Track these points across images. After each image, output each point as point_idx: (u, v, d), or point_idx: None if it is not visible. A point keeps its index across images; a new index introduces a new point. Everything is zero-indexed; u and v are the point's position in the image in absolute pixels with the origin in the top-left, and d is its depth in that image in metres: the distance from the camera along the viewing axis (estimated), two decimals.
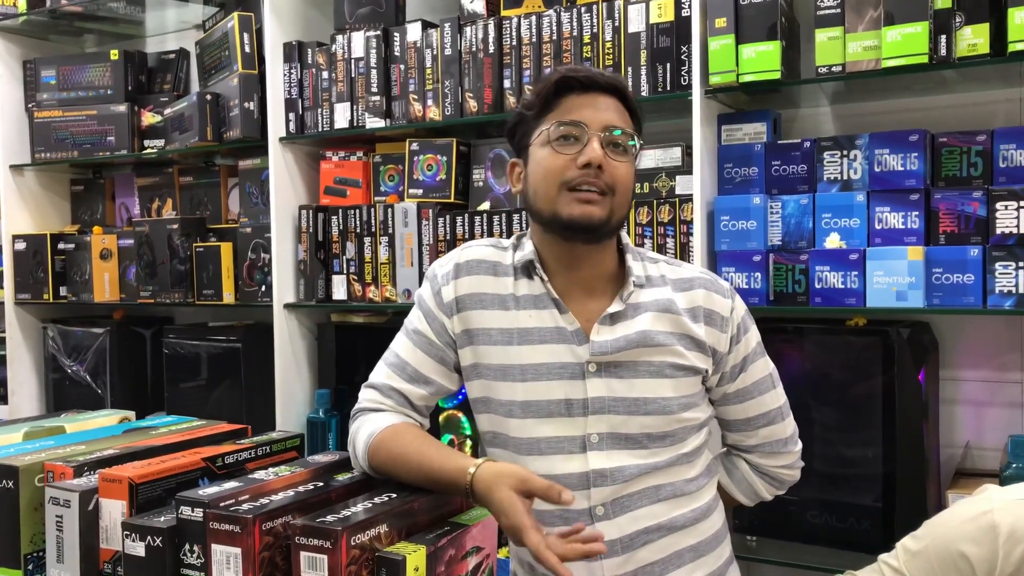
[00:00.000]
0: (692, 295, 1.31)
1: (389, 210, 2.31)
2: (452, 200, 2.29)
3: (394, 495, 1.09)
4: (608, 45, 2.02)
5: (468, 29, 2.19)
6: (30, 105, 2.96)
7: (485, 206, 2.26)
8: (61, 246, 2.88)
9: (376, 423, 1.26)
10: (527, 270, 1.32)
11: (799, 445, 1.45)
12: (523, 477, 1.09)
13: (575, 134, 1.24)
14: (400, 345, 1.36)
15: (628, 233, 1.98)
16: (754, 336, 1.37)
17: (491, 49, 2.16)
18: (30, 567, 1.13)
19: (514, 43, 2.13)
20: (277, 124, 2.44)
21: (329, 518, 0.97)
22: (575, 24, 2.05)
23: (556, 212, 1.24)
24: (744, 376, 1.35)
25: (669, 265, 1.35)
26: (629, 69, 2.00)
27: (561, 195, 1.24)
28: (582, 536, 1.08)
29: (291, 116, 2.44)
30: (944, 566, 1.16)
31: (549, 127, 1.26)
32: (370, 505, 1.04)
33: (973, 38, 1.68)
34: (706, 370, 1.31)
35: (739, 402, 1.37)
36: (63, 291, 2.89)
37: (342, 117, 2.37)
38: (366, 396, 1.35)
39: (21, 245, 2.93)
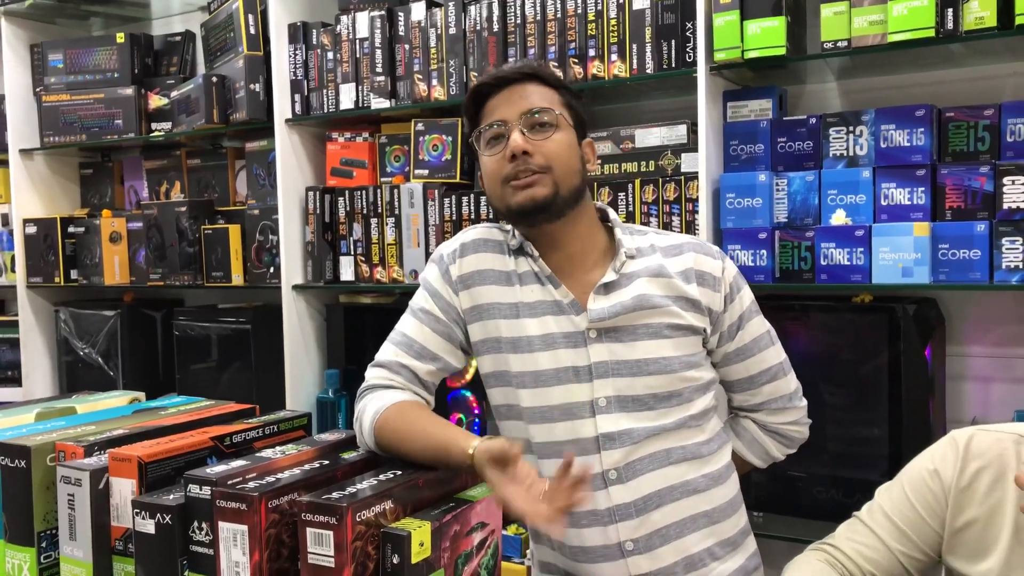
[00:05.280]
0: (682, 259, 1.36)
1: (395, 191, 2.31)
2: (458, 180, 2.29)
3: (399, 472, 1.10)
4: (612, 22, 2.01)
5: (472, 8, 2.19)
6: (38, 89, 2.97)
7: None
8: (71, 229, 2.90)
9: (382, 400, 1.29)
10: (522, 250, 1.37)
11: (804, 401, 1.48)
12: (496, 451, 1.09)
13: (500, 133, 1.32)
14: (406, 325, 1.40)
15: (633, 212, 1.99)
16: (747, 295, 1.41)
17: (495, 28, 2.15)
18: (44, 544, 1.15)
19: (518, 21, 2.12)
20: (283, 105, 2.44)
21: (335, 494, 0.99)
22: (579, 1, 2.04)
23: (507, 205, 1.33)
24: (742, 334, 1.39)
25: (658, 234, 1.41)
26: (634, 46, 1.99)
27: (504, 190, 1.32)
28: (573, 476, 1.08)
29: (297, 97, 2.44)
30: (915, 488, 1.23)
31: (479, 135, 1.34)
32: (375, 482, 1.05)
33: (980, 11, 1.66)
34: (704, 329, 1.35)
35: (740, 360, 1.40)
36: (74, 274, 2.91)
37: (347, 98, 2.37)
38: (374, 374, 1.37)
39: (32, 229, 2.95)
